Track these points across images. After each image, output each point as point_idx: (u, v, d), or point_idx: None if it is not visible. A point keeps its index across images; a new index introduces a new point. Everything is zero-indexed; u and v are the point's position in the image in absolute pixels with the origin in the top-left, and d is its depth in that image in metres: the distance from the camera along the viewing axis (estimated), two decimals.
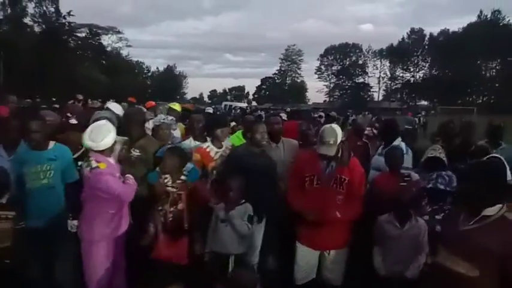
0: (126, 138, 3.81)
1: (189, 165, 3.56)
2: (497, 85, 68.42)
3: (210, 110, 11.77)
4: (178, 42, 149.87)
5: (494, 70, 70.81)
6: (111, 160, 3.19)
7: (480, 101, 68.83)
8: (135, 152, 3.74)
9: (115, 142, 3.25)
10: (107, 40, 54.47)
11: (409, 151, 4.14)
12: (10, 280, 3.00)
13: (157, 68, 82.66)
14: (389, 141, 4.25)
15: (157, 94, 58.15)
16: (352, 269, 3.46)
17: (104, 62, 52.24)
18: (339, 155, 3.31)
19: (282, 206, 3.57)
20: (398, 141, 4.27)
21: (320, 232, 3.30)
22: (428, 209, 3.23)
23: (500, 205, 2.00)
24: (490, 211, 1.99)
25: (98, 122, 3.24)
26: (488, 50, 62.65)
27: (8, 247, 2.98)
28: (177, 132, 5.49)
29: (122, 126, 3.98)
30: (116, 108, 5.24)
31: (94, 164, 2.98)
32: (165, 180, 3.35)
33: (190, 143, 4.22)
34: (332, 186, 3.29)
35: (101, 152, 3.06)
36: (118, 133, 3.39)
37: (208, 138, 4.13)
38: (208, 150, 3.89)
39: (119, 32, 55.13)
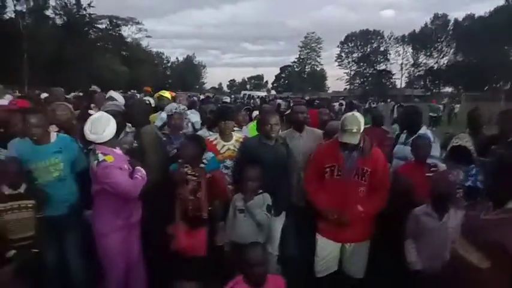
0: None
1: (209, 154, 3.52)
2: None
3: (227, 99, 11.73)
4: (196, 32, 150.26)
5: None
6: (118, 151, 3.12)
7: (508, 87, 66.36)
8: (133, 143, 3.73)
9: (126, 133, 3.22)
10: (126, 31, 55.12)
11: (436, 139, 3.96)
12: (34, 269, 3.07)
13: (176, 58, 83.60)
14: (412, 130, 4.03)
15: (177, 84, 58.65)
16: (375, 262, 3.35)
17: (124, 53, 52.86)
18: (361, 145, 3.19)
19: (301, 197, 3.48)
20: (424, 130, 4.08)
21: (341, 225, 3.21)
22: (464, 203, 3.05)
23: None
24: None
25: (95, 114, 3.16)
26: None
27: (32, 236, 3.09)
28: (195, 117, 5.42)
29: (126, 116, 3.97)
30: (117, 96, 5.29)
31: (101, 157, 2.91)
32: (185, 169, 3.30)
33: (204, 133, 4.16)
34: (354, 177, 3.18)
35: (105, 143, 3.00)
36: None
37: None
38: (215, 143, 3.82)
39: (138, 23, 55.66)
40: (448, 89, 71.15)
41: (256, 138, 3.75)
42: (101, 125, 2.95)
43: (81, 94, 9.58)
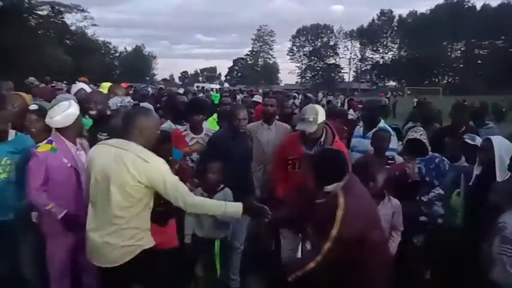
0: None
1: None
2: (461, 66, 70.84)
3: (180, 91, 11.52)
4: (146, 21, 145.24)
5: (459, 51, 73.07)
6: (72, 145, 2.90)
7: (445, 81, 71.10)
8: (102, 136, 3.50)
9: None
10: (70, 19, 51.92)
11: (392, 132, 4.17)
12: None
13: (125, 48, 79.91)
14: (371, 124, 4.19)
15: (126, 75, 56.43)
16: None
17: (68, 41, 49.93)
18: (322, 139, 3.29)
19: (266, 190, 3.56)
20: (382, 123, 4.25)
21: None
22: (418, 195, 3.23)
23: (338, 183, 2.37)
24: (329, 188, 2.38)
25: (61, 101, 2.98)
26: (453, 31, 64.44)
27: None
28: None
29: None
30: (87, 87, 5.01)
31: (40, 143, 2.77)
32: None
33: (170, 126, 4.10)
34: None
35: (60, 131, 2.82)
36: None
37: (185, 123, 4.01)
38: (184, 134, 3.79)
39: (83, 11, 52.55)
40: (393, 83, 74.83)
41: (224, 131, 3.76)
42: (58, 110, 2.81)
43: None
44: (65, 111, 2.83)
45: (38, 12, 43.87)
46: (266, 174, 3.88)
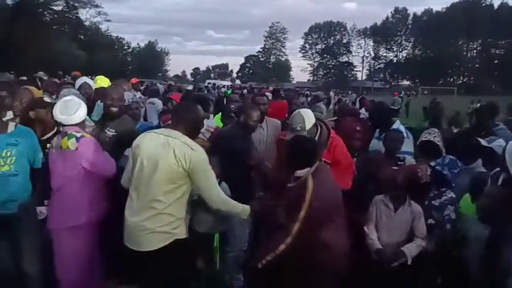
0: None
1: None
2: (477, 66, 69.57)
3: (189, 87, 11.55)
4: (159, 17, 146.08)
5: (475, 51, 71.80)
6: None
7: (460, 81, 69.96)
8: (110, 132, 3.51)
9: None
10: (84, 14, 52.39)
11: (409, 134, 4.01)
12: None
13: (138, 44, 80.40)
14: (385, 125, 4.06)
15: (138, 71, 56.82)
16: None
17: (81, 37, 50.43)
18: (317, 136, 3.22)
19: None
20: (397, 124, 4.12)
21: None
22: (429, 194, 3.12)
23: (309, 168, 2.56)
24: (300, 173, 2.57)
25: (65, 97, 3.02)
26: (470, 30, 63.31)
27: None
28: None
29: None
30: (91, 82, 4.97)
31: (78, 134, 2.81)
32: None
33: None
34: None
35: (76, 126, 2.88)
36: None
37: None
38: None
39: (97, 6, 52.87)
40: (406, 82, 73.95)
41: (232, 129, 3.74)
42: (73, 107, 2.88)
43: (25, 79, 8.96)
44: (80, 108, 2.92)
45: (53, 7, 44.37)
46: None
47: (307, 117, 3.16)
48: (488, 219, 2.65)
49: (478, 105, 15.79)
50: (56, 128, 3.19)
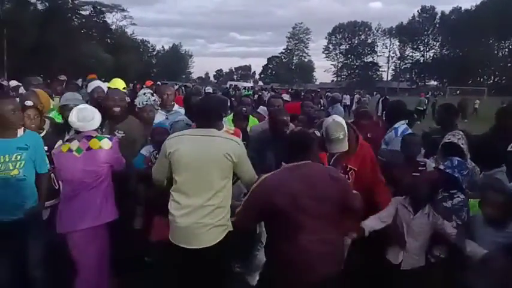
0: None
1: None
2: (509, 65, 66.91)
3: (209, 89, 11.51)
4: (183, 20, 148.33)
5: (506, 50, 69.11)
6: None
7: (491, 81, 67.47)
8: (119, 134, 3.54)
9: None
10: (111, 18, 53.82)
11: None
12: None
13: (162, 46, 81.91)
14: (391, 124, 3.93)
15: (163, 73, 57.82)
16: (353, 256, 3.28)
17: (108, 40, 51.73)
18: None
19: None
20: (399, 124, 3.96)
21: None
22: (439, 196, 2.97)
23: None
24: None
25: (79, 106, 3.07)
26: (500, 28, 60.91)
27: None
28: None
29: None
30: (104, 86, 4.97)
31: (104, 135, 3.01)
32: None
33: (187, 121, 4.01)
34: None
35: (95, 131, 3.00)
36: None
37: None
38: None
39: (123, 10, 54.34)
40: (434, 83, 71.97)
41: (266, 132, 3.73)
42: (90, 113, 2.99)
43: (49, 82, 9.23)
44: (95, 114, 3.03)
45: (81, 12, 45.77)
46: None
47: (343, 122, 2.99)
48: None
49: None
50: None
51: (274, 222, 2.47)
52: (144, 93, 4.21)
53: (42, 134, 3.25)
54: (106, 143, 2.95)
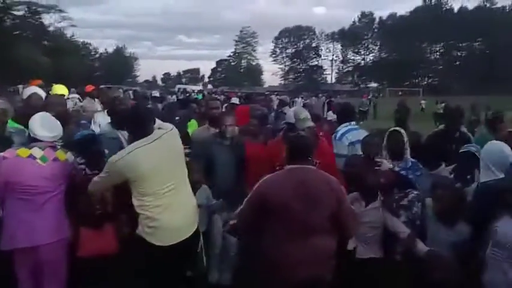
0: None
1: None
2: (440, 67, 72.32)
3: (156, 93, 11.33)
4: (128, 22, 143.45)
5: (438, 53, 74.58)
6: None
7: (425, 82, 72.42)
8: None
9: None
10: (48, 19, 50.76)
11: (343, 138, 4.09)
12: None
13: (105, 49, 78.61)
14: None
15: (107, 77, 55.57)
16: None
17: (46, 43, 48.78)
18: None
19: None
20: (341, 126, 4.13)
21: None
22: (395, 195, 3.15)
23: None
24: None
25: (40, 113, 2.94)
26: (432, 33, 65.70)
27: None
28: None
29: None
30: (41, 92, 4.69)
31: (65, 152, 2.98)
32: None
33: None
34: None
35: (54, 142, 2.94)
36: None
37: None
38: None
39: (61, 11, 51.40)
40: (374, 84, 75.82)
41: (210, 135, 3.89)
42: (57, 123, 2.94)
43: None
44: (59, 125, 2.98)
45: (13, 12, 42.78)
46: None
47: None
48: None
49: (442, 105, 16.40)
50: None
51: (265, 222, 2.51)
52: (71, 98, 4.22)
53: None
54: (70, 156, 2.99)
